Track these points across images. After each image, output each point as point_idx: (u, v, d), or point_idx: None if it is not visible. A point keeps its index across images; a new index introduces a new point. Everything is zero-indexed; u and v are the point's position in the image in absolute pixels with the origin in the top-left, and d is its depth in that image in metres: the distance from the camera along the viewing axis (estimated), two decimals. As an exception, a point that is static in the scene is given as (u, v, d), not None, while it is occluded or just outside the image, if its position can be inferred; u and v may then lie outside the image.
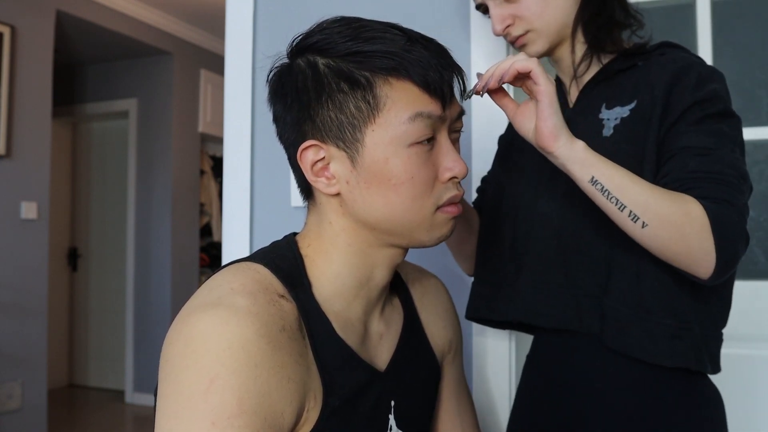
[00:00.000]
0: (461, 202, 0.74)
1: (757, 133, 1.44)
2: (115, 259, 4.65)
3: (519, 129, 0.81)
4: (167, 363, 0.59)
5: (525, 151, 0.94)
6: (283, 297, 0.65)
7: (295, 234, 0.75)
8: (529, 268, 0.93)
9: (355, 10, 1.13)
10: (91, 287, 4.78)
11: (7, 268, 3.11)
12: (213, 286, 0.64)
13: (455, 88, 0.70)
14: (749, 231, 0.78)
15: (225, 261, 1.49)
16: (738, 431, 0.99)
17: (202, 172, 4.74)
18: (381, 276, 0.74)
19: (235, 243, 1.51)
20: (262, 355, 0.59)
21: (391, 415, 0.75)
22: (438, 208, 0.70)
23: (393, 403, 0.75)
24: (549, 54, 0.96)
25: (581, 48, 0.94)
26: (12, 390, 3.11)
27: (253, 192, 1.52)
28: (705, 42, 1.40)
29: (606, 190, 0.75)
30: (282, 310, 0.64)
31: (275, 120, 0.74)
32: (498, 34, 0.94)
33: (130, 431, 3.94)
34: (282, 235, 0.76)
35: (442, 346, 0.87)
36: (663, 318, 0.82)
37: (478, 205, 1.11)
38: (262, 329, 0.60)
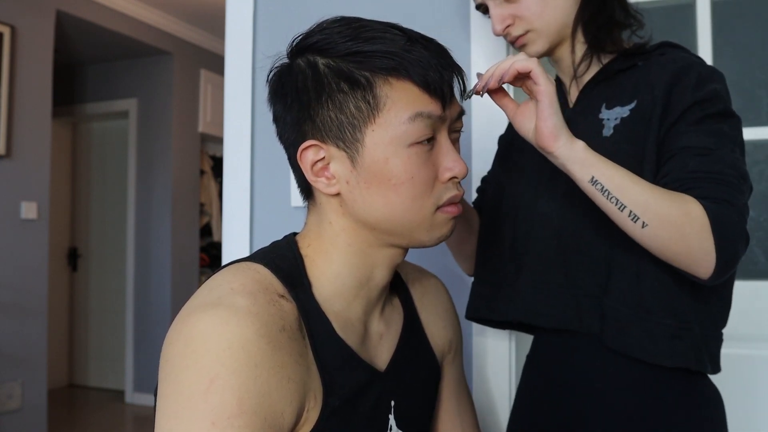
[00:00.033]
0: (461, 202, 0.74)
1: (757, 133, 1.44)
2: (115, 259, 4.66)
3: (519, 129, 0.81)
4: (167, 363, 0.59)
5: (525, 151, 0.94)
6: (283, 297, 0.65)
7: (295, 234, 0.75)
8: (529, 268, 0.93)
9: (355, 10, 1.13)
10: (91, 287, 4.78)
11: (7, 268, 3.11)
12: (213, 286, 0.64)
13: (455, 88, 0.70)
14: (749, 231, 0.78)
15: (225, 261, 1.49)
16: (738, 431, 0.99)
17: (202, 172, 4.74)
18: (381, 276, 0.74)
19: (235, 243, 1.51)
20: (262, 355, 0.59)
21: (391, 415, 0.75)
22: (438, 208, 0.70)
23: (393, 403, 0.75)
24: (549, 54, 0.96)
25: (581, 48, 0.94)
26: (12, 390, 3.11)
27: (253, 192, 1.52)
28: (705, 42, 1.40)
29: (606, 190, 0.75)
30: (282, 310, 0.64)
31: (275, 120, 0.74)
32: (498, 34, 0.94)
33: (130, 431, 3.94)
34: (282, 235, 0.76)
35: (442, 346, 0.87)
36: (663, 318, 0.82)
37: (478, 205, 1.11)
38: (262, 329, 0.60)
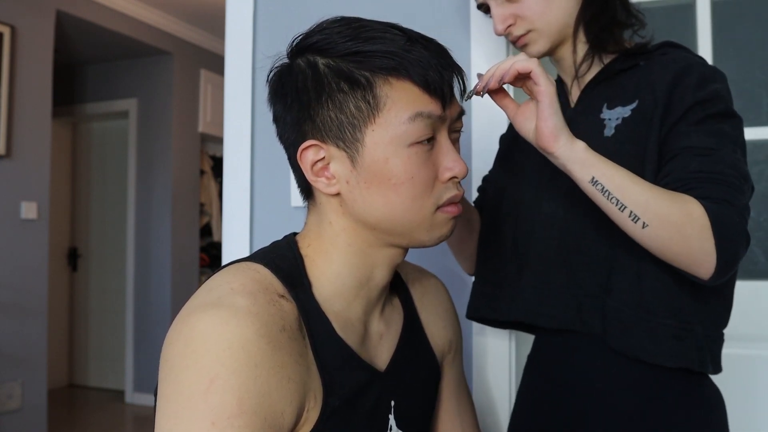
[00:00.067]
0: (461, 201, 0.74)
1: (757, 133, 1.44)
2: (115, 259, 4.65)
3: (519, 129, 0.81)
4: (167, 363, 0.59)
5: (526, 151, 0.94)
6: (283, 297, 0.65)
7: (295, 234, 0.75)
8: (530, 268, 0.93)
9: (355, 10, 1.13)
10: (91, 287, 4.78)
11: (7, 268, 3.11)
12: (213, 286, 0.64)
13: (455, 88, 0.70)
14: (749, 231, 0.78)
15: (225, 261, 1.49)
16: (738, 431, 0.99)
17: (202, 172, 4.74)
18: (381, 276, 0.74)
19: (235, 243, 1.51)
20: (262, 355, 0.59)
21: (391, 415, 0.74)
22: (438, 207, 0.70)
23: (393, 403, 0.75)
24: (550, 54, 0.96)
25: (583, 48, 0.93)
26: (12, 390, 3.10)
27: (253, 192, 1.52)
28: (705, 42, 1.40)
29: (606, 190, 0.75)
30: (282, 310, 0.64)
31: (275, 120, 0.74)
32: (499, 34, 0.94)
33: (130, 431, 3.94)
34: (282, 235, 0.76)
35: (442, 346, 0.87)
36: (664, 318, 0.82)
37: (479, 204, 1.10)
38: (262, 329, 0.60)
